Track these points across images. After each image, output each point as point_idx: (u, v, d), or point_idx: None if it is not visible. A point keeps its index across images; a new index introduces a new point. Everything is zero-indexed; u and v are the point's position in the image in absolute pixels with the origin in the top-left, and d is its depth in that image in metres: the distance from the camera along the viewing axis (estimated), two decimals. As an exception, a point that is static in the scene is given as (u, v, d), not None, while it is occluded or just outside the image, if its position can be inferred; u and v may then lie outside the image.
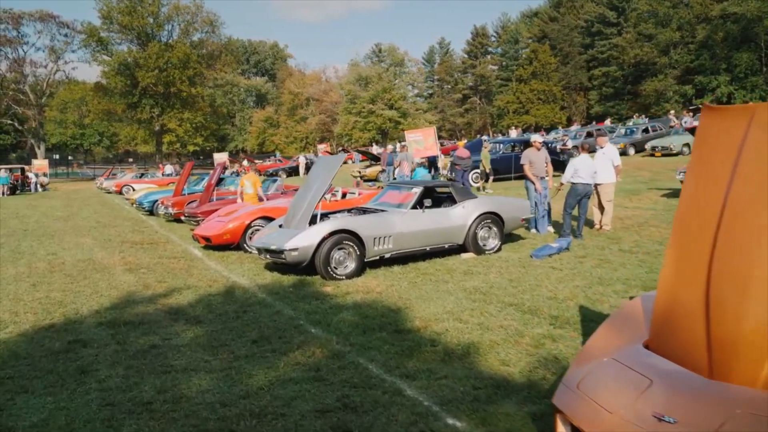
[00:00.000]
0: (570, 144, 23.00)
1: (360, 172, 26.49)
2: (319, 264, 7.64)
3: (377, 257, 8.17)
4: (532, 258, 8.42)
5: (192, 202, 14.70)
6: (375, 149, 38.02)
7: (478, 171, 20.71)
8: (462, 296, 6.55)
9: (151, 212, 17.53)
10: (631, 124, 34.63)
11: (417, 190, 8.76)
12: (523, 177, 10.61)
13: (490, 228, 9.02)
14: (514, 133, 42.53)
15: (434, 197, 9.29)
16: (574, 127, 38.89)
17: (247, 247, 10.03)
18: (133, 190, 26.72)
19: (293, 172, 37.47)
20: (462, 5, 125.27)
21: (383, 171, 20.25)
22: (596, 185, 10.14)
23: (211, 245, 10.19)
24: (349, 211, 9.16)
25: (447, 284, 7.18)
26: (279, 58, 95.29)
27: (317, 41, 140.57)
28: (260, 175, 38.54)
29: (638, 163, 22.40)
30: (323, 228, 7.72)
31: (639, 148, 26.90)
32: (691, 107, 46.74)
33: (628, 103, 63.70)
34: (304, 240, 7.62)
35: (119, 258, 9.86)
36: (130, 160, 62.50)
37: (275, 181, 14.20)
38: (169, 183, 27.97)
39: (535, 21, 76.81)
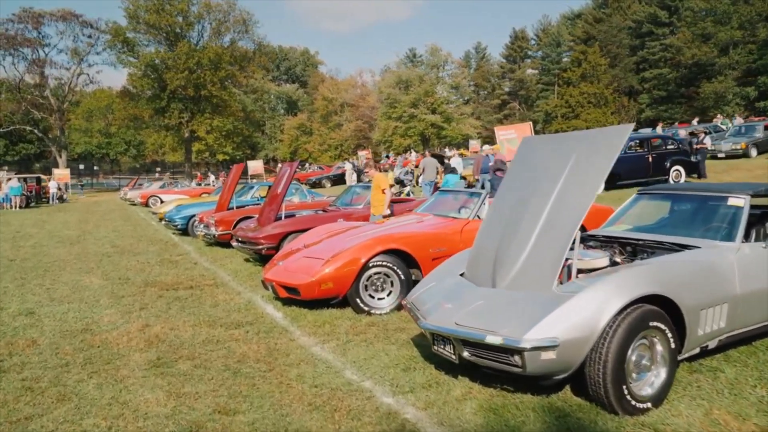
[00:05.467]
0: (708, 142, 18.22)
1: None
2: (604, 378, 3.19)
3: (696, 350, 3.71)
4: None
5: (245, 219, 10.41)
6: (447, 152, 33.54)
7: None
8: None
9: (185, 231, 13.33)
10: (722, 125, 29.86)
11: (740, 201, 4.24)
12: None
13: None
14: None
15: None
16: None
17: (362, 305, 5.63)
18: (161, 201, 22.70)
19: (338, 180, 33.23)
20: (497, 10, 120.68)
21: (476, 180, 15.65)
22: None
23: (298, 299, 5.79)
24: (583, 242, 4.63)
25: None
26: (310, 64, 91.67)
27: (347, 48, 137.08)
28: (302, 184, 34.43)
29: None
30: (609, 292, 3.27)
31: (762, 148, 22.25)
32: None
33: (682, 106, 59.76)
34: (570, 322, 3.18)
35: (139, 325, 5.51)
36: (158, 169, 59.06)
37: (366, 188, 9.66)
38: (201, 193, 23.94)
39: (577, 23, 72.86)
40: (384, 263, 5.69)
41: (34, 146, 59.54)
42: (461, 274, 4.24)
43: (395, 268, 5.70)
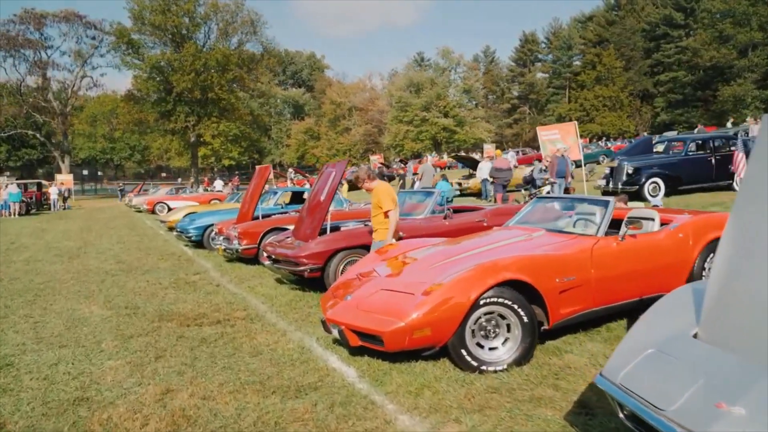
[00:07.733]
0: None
1: (460, 184, 20.49)
2: None
3: None
4: None
5: (274, 230, 8.79)
6: (477, 156, 31.92)
7: (656, 181, 14.42)
8: None
9: (200, 243, 11.71)
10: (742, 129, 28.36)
11: None
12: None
13: None
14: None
15: None
16: None
17: (469, 359, 3.98)
18: (169, 209, 21.13)
19: (351, 186, 31.50)
20: (506, 13, 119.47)
21: (553, 183, 13.97)
22: None
23: (381, 348, 4.14)
24: None
25: None
26: (316, 68, 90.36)
27: (353, 53, 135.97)
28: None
29: None
30: None
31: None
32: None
33: (698, 110, 58.40)
34: None
35: (156, 390, 3.87)
36: (163, 174, 57.57)
37: (428, 195, 8.00)
38: (211, 199, 22.34)
39: (589, 26, 71.60)
40: (500, 300, 4.04)
41: (37, 151, 58.19)
42: (694, 335, 2.60)
43: (515, 306, 4.05)
